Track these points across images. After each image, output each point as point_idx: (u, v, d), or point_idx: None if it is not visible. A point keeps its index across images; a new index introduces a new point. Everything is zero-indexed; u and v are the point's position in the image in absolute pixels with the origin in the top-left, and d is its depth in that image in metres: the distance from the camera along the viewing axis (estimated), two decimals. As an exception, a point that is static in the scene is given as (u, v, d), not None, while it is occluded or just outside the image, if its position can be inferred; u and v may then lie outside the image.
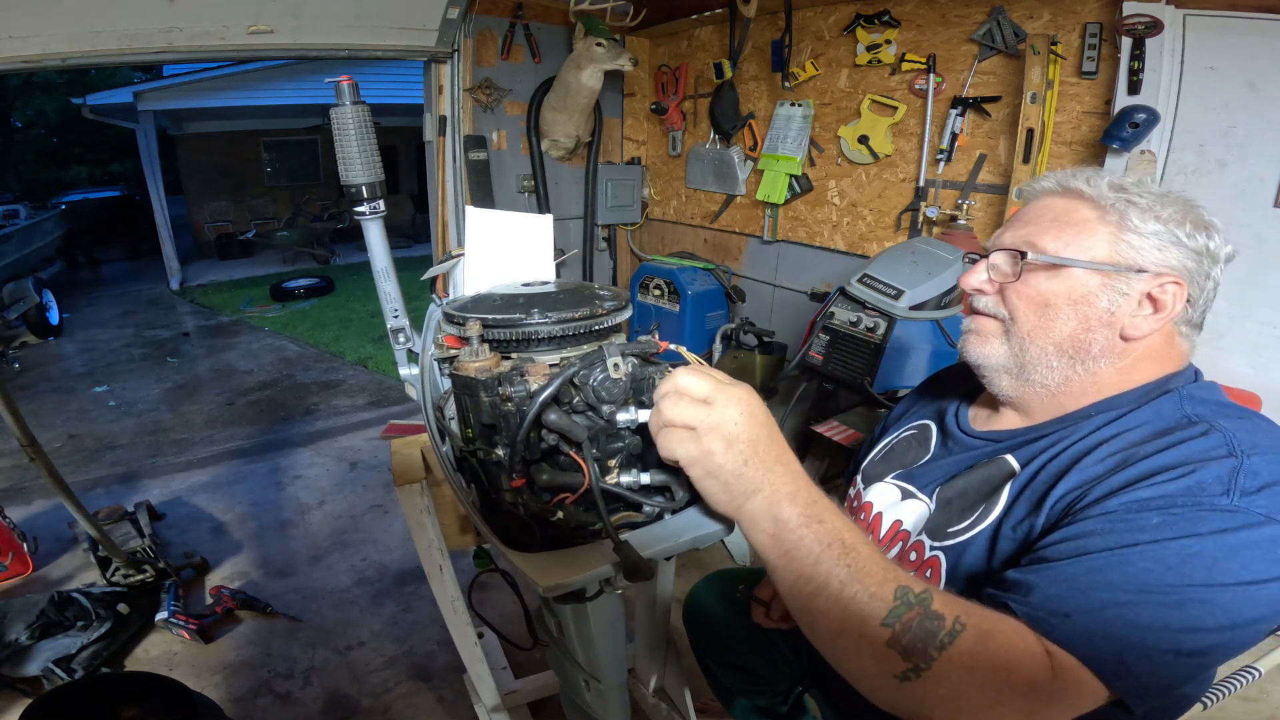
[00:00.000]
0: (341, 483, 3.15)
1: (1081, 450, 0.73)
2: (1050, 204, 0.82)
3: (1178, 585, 0.57)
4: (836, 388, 2.41)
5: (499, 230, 1.17)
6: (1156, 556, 0.58)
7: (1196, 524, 0.59)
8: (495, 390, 0.76)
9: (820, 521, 0.60)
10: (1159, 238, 0.75)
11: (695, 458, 0.62)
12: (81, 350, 5.61)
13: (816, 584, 0.59)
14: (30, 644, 1.91)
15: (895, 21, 2.59)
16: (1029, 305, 0.79)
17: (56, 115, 13.61)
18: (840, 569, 0.59)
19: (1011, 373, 0.82)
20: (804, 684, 1.24)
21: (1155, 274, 0.74)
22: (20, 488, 3.02)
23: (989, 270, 0.83)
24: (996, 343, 0.83)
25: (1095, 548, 0.61)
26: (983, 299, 0.84)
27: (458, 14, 2.79)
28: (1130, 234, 0.75)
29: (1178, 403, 0.74)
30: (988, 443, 0.87)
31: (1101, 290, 0.76)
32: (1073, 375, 0.79)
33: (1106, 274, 0.75)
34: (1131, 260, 0.75)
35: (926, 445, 0.97)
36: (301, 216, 9.95)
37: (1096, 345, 0.77)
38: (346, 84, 0.98)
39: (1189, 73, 1.94)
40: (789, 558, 0.60)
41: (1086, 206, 0.79)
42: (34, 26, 1.97)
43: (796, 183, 3.05)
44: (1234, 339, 1.98)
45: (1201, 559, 0.57)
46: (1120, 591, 0.58)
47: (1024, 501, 0.75)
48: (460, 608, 1.33)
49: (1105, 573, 0.59)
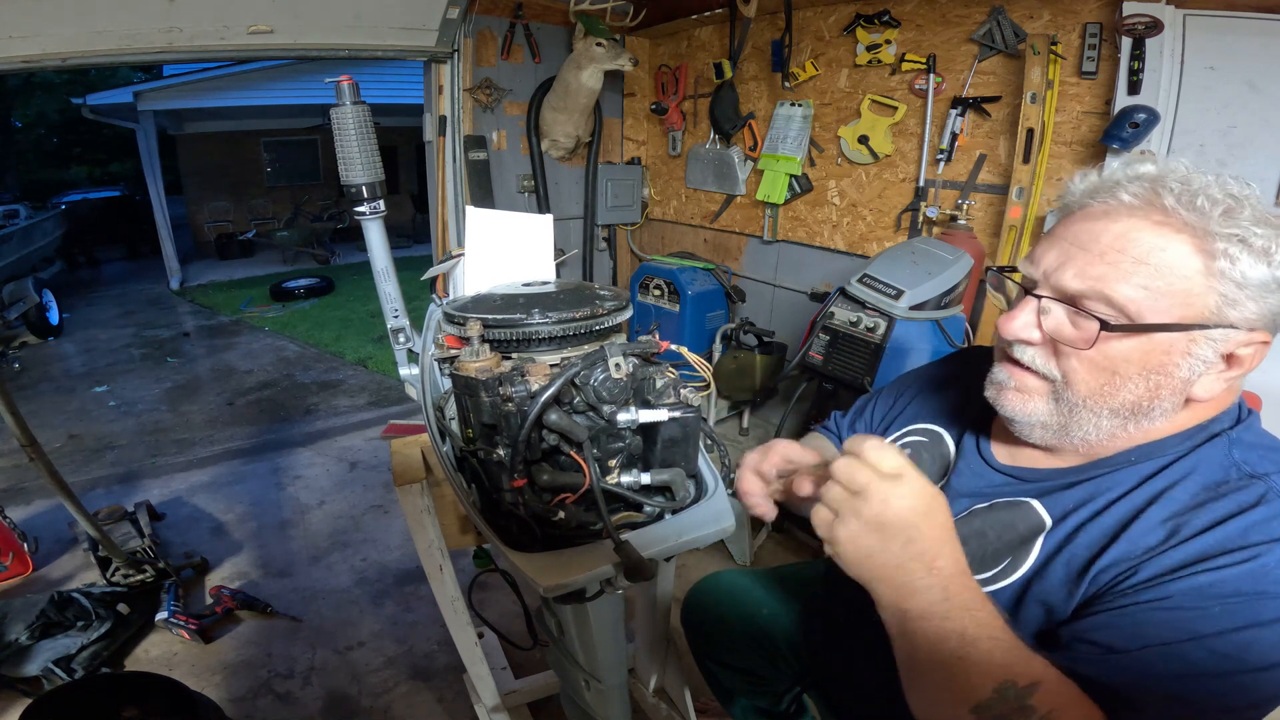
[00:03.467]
0: (341, 483, 3.15)
1: (1126, 513, 0.65)
2: (1131, 230, 0.63)
3: (1239, 672, 0.57)
4: (836, 388, 2.41)
5: (499, 230, 1.17)
6: (1218, 649, 0.57)
7: (1259, 611, 0.56)
8: (496, 390, 0.76)
9: (945, 618, 0.60)
10: (1262, 288, 0.60)
11: (825, 537, 0.64)
12: (81, 350, 5.61)
13: (926, 668, 0.62)
14: (30, 644, 1.91)
15: (895, 21, 2.59)
16: (1091, 372, 0.65)
17: (56, 115, 13.61)
18: (952, 662, 0.59)
19: (1050, 430, 0.71)
20: (804, 684, 1.23)
21: (1247, 331, 0.62)
22: (20, 488, 3.02)
23: (1040, 316, 0.67)
24: (1040, 401, 0.70)
25: (1156, 640, 0.59)
26: (1029, 351, 0.69)
27: (458, 14, 2.79)
28: (1230, 284, 0.60)
29: (1226, 449, 0.65)
30: (1012, 480, 0.77)
31: (1183, 357, 0.63)
32: (1121, 433, 0.68)
33: (1192, 335, 0.61)
34: (1222, 316, 0.61)
35: (939, 461, 0.88)
36: (301, 216, 9.95)
37: (1159, 409, 0.66)
38: (346, 84, 0.98)
39: (1189, 73, 1.94)
40: (906, 642, 0.63)
41: (1185, 242, 0.61)
42: (34, 26, 1.97)
43: (796, 183, 3.05)
44: (1234, 339, 1.98)
45: (1260, 645, 0.56)
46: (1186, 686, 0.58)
47: (1059, 566, 0.68)
48: (460, 608, 1.33)
49: (1170, 664, 0.58)
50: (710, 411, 3.15)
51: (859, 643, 0.94)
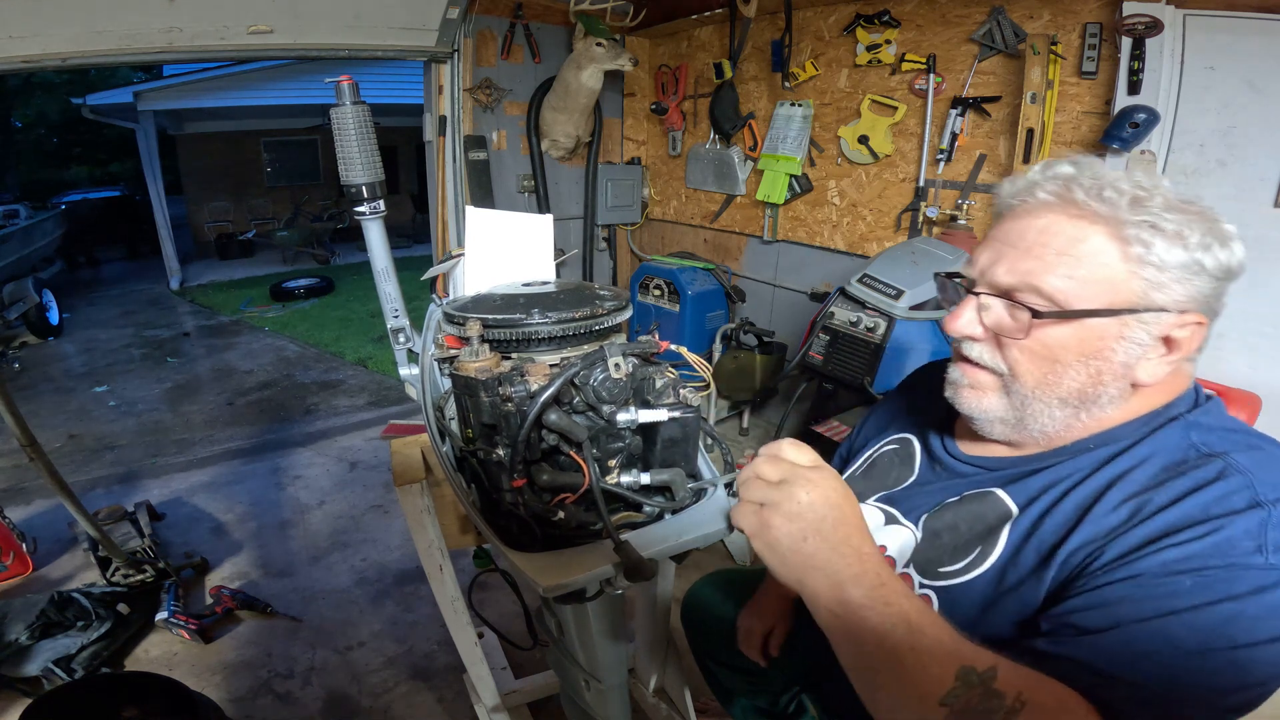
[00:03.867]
0: (341, 483, 3.15)
1: (1088, 496, 0.68)
2: (1050, 225, 0.68)
3: (1223, 649, 0.55)
4: (836, 388, 2.41)
5: (499, 230, 1.17)
6: (1197, 624, 0.56)
7: (1232, 584, 0.56)
8: (496, 390, 0.77)
9: (885, 604, 0.58)
10: (1183, 270, 0.64)
11: (755, 530, 0.62)
12: (81, 350, 5.61)
13: (878, 662, 0.58)
14: (30, 644, 1.91)
15: (895, 21, 2.59)
16: (1034, 362, 0.70)
17: (56, 115, 13.61)
18: (904, 649, 0.57)
19: (1008, 424, 0.75)
20: (803, 684, 1.23)
21: (1178, 314, 0.65)
22: (20, 488, 3.02)
23: (980, 313, 0.73)
24: (994, 396, 0.75)
25: (1130, 617, 0.58)
26: (975, 347, 0.75)
27: (458, 14, 2.79)
28: (1151, 268, 0.64)
29: (1184, 432, 0.68)
30: (977, 470, 0.81)
31: (1117, 342, 0.66)
32: (1075, 422, 0.72)
33: (1124, 319, 0.65)
34: (1151, 300, 0.65)
35: (910, 464, 0.92)
36: (301, 216, 9.95)
37: (1106, 395, 0.69)
38: (346, 84, 0.98)
39: (1189, 73, 1.94)
40: (850, 636, 0.59)
41: (1100, 232, 0.65)
42: (34, 26, 1.97)
43: (796, 183, 3.05)
44: (1234, 339, 1.98)
45: (1242, 620, 0.56)
46: (1166, 663, 0.56)
47: (1030, 552, 0.69)
48: (460, 608, 1.33)
49: (1147, 642, 0.57)
50: (710, 411, 3.15)
51: None
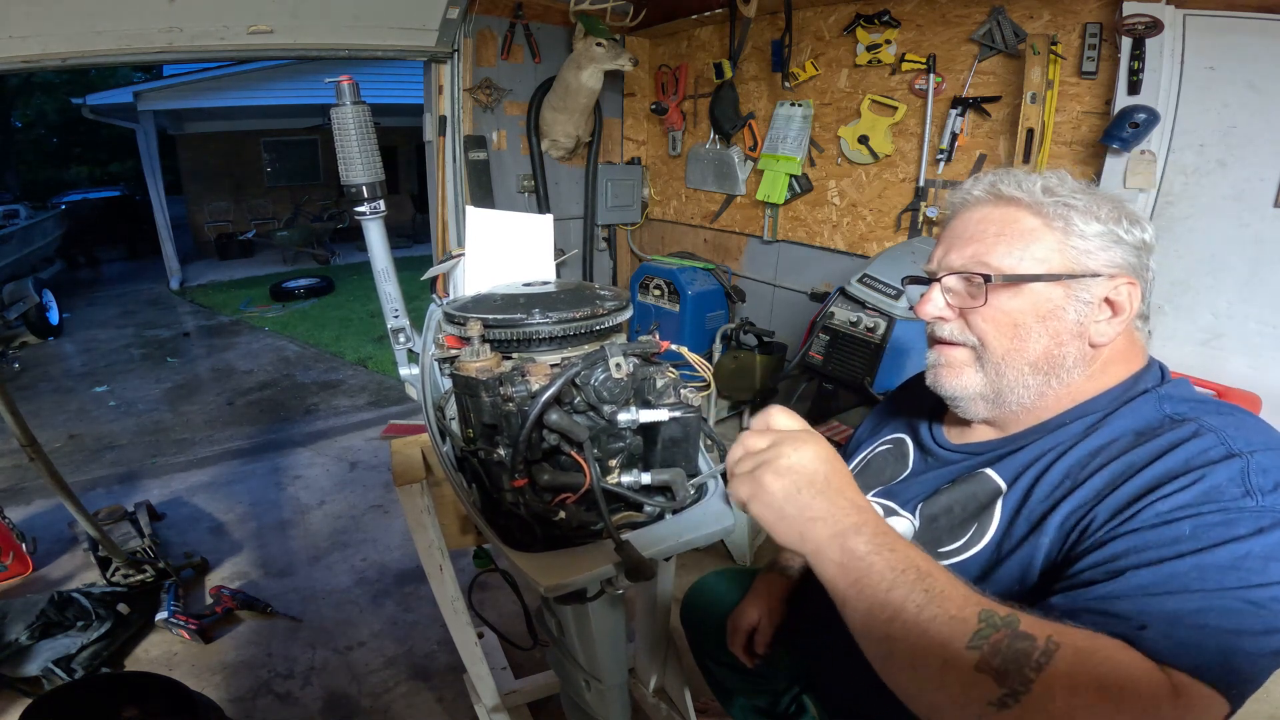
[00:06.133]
0: (341, 483, 3.15)
1: (1073, 464, 0.72)
2: (986, 215, 0.79)
3: (1238, 588, 0.55)
4: (836, 388, 2.41)
5: (499, 230, 1.17)
6: (1206, 564, 0.57)
7: (1232, 527, 0.58)
8: (496, 390, 0.77)
9: (891, 549, 0.58)
10: (1103, 238, 0.74)
11: (751, 492, 0.63)
12: (81, 350, 5.61)
13: (892, 610, 0.56)
14: (30, 644, 1.91)
15: (895, 21, 2.59)
16: (999, 328, 0.77)
17: (56, 115, 13.62)
18: (917, 593, 0.56)
19: (988, 399, 0.81)
20: (803, 684, 1.23)
21: (1109, 276, 0.74)
22: (20, 488, 3.02)
23: (946, 295, 0.80)
24: (970, 372, 0.81)
25: (1136, 564, 0.59)
26: (946, 326, 0.82)
27: (458, 14, 2.79)
28: (1076, 238, 0.75)
29: (1155, 403, 0.73)
30: (966, 455, 0.86)
31: (1066, 302, 0.75)
32: (1048, 390, 0.78)
33: (1066, 284, 0.74)
34: (1084, 266, 0.75)
35: (904, 460, 0.96)
36: (301, 216, 9.95)
37: (1070, 358, 0.76)
38: (346, 84, 0.98)
39: (1189, 73, 1.94)
40: (859, 586, 0.58)
41: (1027, 214, 0.77)
42: (34, 26, 1.97)
43: (796, 183, 3.05)
44: (1234, 339, 1.98)
45: (1252, 560, 0.56)
46: (1188, 599, 0.56)
47: (1022, 521, 0.73)
48: (460, 608, 1.33)
49: (1162, 584, 0.57)
50: (710, 411, 3.15)
51: (850, 639, 0.94)
